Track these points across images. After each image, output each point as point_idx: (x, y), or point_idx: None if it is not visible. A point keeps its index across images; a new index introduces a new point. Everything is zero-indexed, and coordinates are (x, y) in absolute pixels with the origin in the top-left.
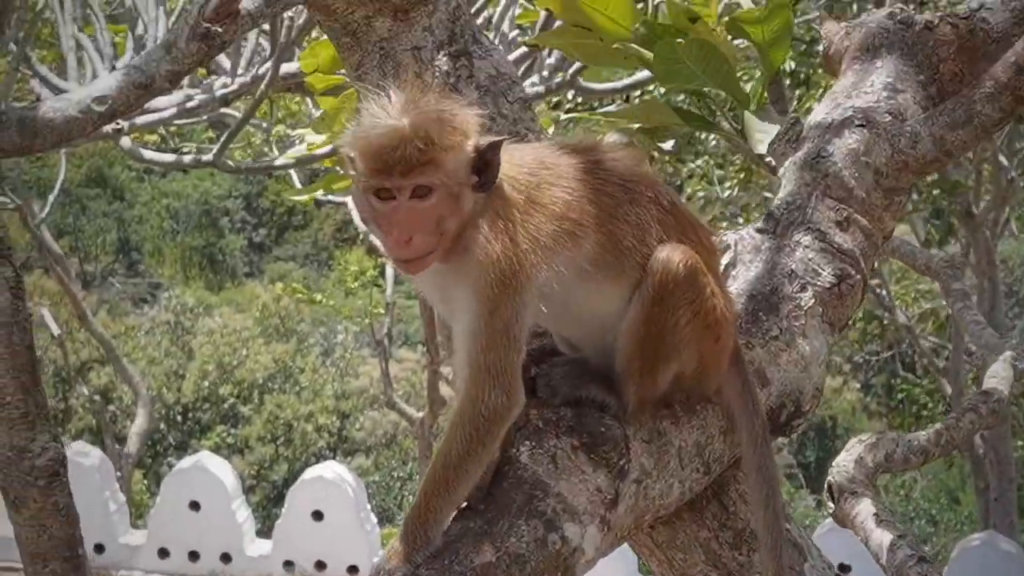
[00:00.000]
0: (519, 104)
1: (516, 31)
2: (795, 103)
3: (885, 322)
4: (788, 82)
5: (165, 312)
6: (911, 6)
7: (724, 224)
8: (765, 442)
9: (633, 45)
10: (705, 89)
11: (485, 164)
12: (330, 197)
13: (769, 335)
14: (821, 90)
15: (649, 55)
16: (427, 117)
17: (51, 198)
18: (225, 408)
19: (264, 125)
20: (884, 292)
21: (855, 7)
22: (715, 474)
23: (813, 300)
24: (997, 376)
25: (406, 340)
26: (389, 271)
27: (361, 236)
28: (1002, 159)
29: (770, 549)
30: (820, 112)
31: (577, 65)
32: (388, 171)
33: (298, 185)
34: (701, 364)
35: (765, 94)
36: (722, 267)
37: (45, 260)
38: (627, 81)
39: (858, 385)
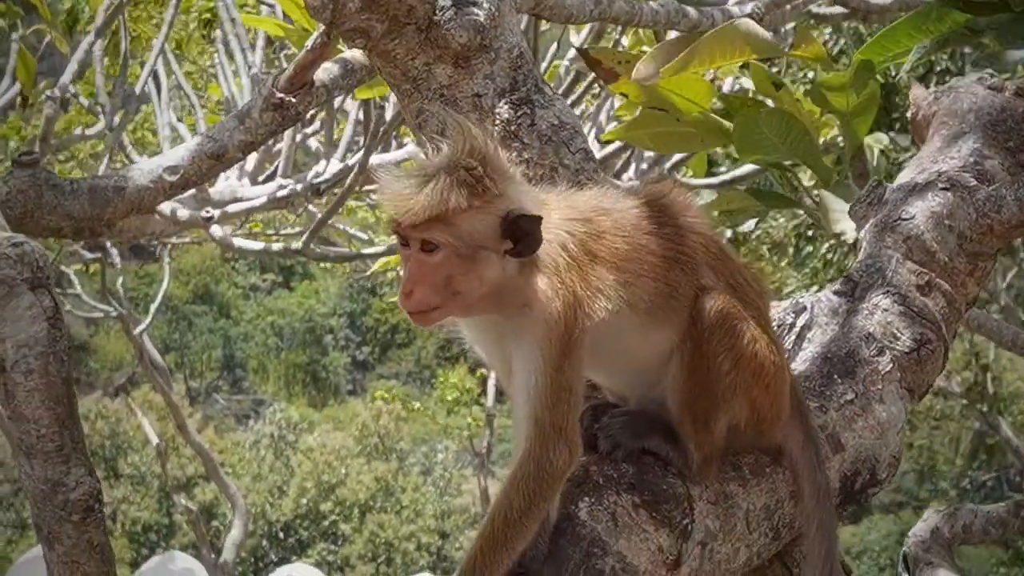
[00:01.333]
0: (581, 154)
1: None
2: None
3: (991, 443)
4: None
5: (269, 426)
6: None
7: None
8: (827, 497)
9: (711, 118)
10: (787, 163)
11: (521, 233)
12: None
13: (844, 399)
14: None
15: (727, 126)
16: (452, 175)
17: (153, 307)
18: (326, 526)
19: (366, 236)
20: (992, 413)
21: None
22: (784, 540)
23: (891, 365)
24: None
25: (508, 459)
26: (491, 386)
27: (466, 353)
28: None
29: None
30: (905, 176)
31: (675, 158)
32: (397, 220)
33: None
34: (755, 412)
35: (848, 168)
36: (797, 329)
37: (148, 371)
38: (724, 177)
39: None
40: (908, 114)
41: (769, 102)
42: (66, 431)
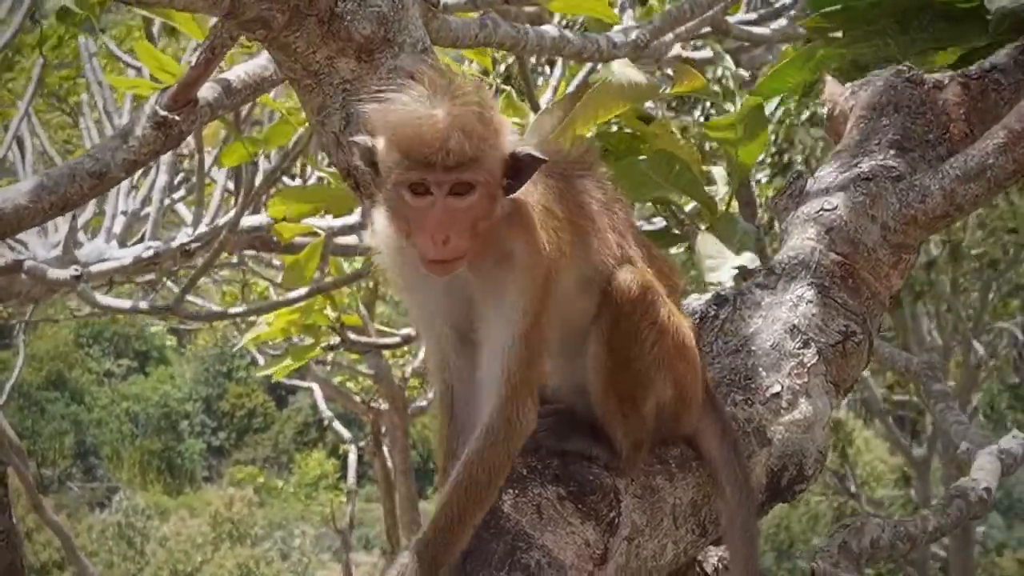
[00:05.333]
0: None
1: None
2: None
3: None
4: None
5: (121, 516)
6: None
7: None
8: (748, 495)
9: None
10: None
11: (518, 169)
12: (296, 382)
13: (770, 392)
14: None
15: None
16: (470, 110)
17: (9, 385)
18: None
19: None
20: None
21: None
22: (712, 537)
23: (817, 358)
24: (984, 469)
25: (366, 543)
26: (351, 463)
27: (324, 437)
28: (975, 344)
29: None
30: (825, 169)
31: None
32: (430, 165)
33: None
34: (678, 389)
35: (734, 199)
36: (720, 322)
37: (3, 450)
38: None
39: None
40: (824, 110)
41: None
42: None
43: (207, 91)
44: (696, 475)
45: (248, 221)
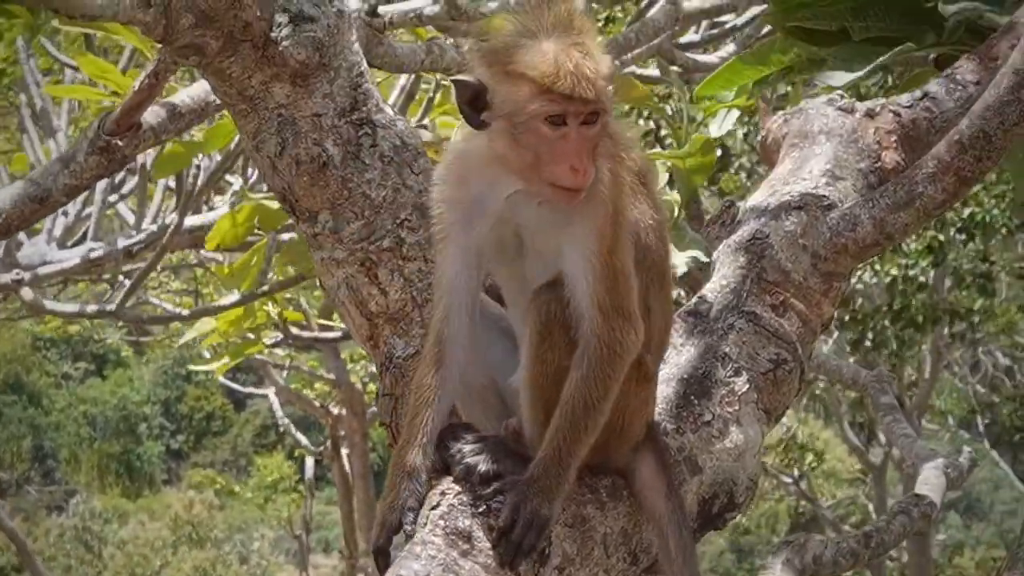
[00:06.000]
0: (425, 175)
1: None
2: None
3: (809, 520)
4: None
5: (79, 520)
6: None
7: None
8: (686, 526)
9: None
10: None
11: None
12: (251, 389)
13: (701, 420)
14: None
15: None
16: (587, 40)
17: None
18: None
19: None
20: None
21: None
22: (643, 566)
23: (748, 386)
24: (929, 483)
25: (325, 546)
26: (308, 467)
27: (283, 440)
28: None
29: None
30: (757, 197)
31: None
32: (571, 96)
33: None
34: (612, 420)
35: (682, 213)
36: None
37: None
38: None
39: None
40: (758, 138)
41: None
42: None
43: (151, 115)
44: (627, 504)
45: (190, 221)
